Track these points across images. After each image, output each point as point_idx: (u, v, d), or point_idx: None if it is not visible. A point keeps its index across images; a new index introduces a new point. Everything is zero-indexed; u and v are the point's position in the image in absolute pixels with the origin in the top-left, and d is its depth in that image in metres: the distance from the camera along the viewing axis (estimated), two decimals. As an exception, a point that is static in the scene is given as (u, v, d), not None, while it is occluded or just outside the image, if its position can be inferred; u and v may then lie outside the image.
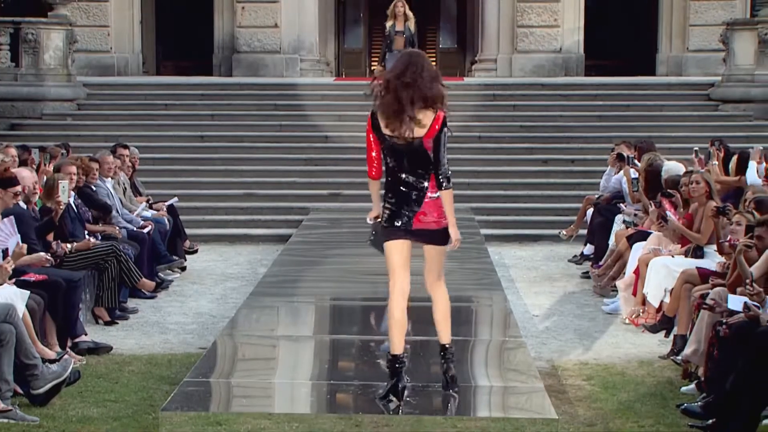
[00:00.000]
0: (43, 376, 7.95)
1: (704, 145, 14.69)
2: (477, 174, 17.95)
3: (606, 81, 21.89)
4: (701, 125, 19.41)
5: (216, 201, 17.41)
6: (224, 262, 14.78)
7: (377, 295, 11.75)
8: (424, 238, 7.26)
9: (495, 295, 10.96)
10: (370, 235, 7.57)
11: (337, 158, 18.49)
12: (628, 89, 21.28)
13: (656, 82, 22.36)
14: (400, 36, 18.89)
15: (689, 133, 18.71)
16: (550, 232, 16.02)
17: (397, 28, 18.93)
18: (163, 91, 21.25)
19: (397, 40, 18.87)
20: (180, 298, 12.39)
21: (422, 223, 7.19)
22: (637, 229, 12.51)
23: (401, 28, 18.90)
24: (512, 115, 19.90)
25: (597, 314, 11.55)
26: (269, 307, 10.62)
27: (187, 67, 24.87)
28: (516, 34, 23.65)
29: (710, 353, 8.28)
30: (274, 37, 23.58)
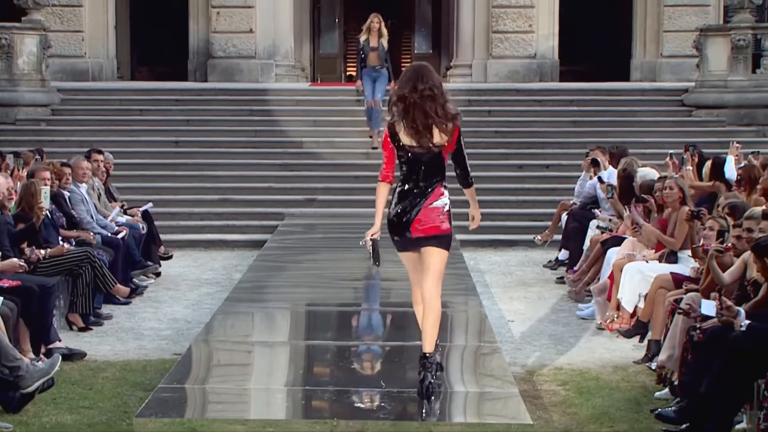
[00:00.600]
0: (31, 374, 7.89)
1: (678, 151, 14.78)
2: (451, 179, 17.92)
3: (580, 86, 21.96)
4: (675, 131, 19.50)
5: (191, 206, 17.37)
6: (199, 267, 14.75)
7: (352, 301, 11.77)
8: (426, 243, 7.46)
9: (470, 301, 10.97)
10: (370, 254, 7.88)
11: (313, 164, 18.47)
12: (603, 95, 21.36)
13: (630, 87, 22.45)
14: (374, 52, 18.87)
15: (663, 138, 18.79)
16: (525, 237, 16.05)
17: (372, 43, 18.92)
18: (138, 97, 21.20)
19: (371, 56, 18.88)
20: (155, 303, 12.35)
21: (419, 231, 7.43)
22: (611, 234, 12.55)
23: (375, 44, 18.89)
24: (487, 120, 19.93)
25: (571, 319, 11.58)
26: (244, 312, 10.59)
27: (162, 73, 24.81)
28: (491, 39, 23.70)
29: (684, 358, 8.31)
30: (249, 43, 23.55)
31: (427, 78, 7.35)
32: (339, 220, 16.96)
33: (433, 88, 7.31)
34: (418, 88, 7.30)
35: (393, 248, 7.64)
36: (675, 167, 13.93)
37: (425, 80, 7.33)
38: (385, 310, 11.04)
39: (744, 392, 7.51)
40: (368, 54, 18.88)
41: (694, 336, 8.19)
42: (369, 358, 9.02)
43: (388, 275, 12.95)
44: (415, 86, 7.31)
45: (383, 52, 18.86)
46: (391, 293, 11.91)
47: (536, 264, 14.89)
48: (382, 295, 11.97)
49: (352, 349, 9.09)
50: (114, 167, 14.81)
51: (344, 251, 14.59)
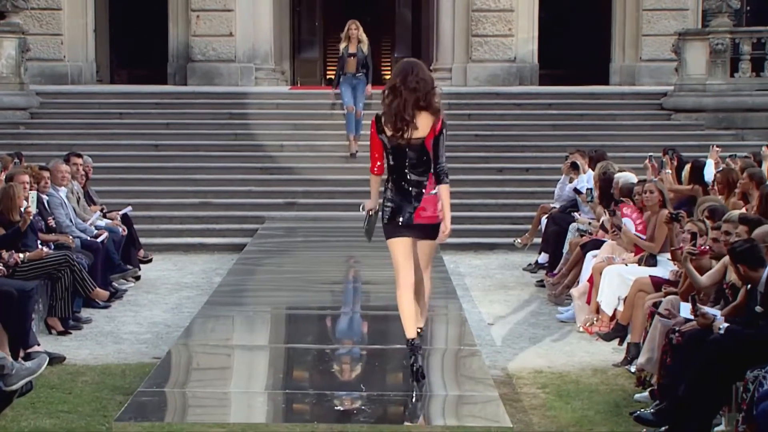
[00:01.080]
0: (17, 373, 7.83)
1: (657, 154, 14.83)
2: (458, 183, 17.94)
3: (560, 90, 22.00)
4: (654, 134, 19.56)
5: (171, 210, 17.32)
6: (179, 271, 14.71)
7: (332, 304, 11.76)
8: (423, 232, 7.85)
9: (450, 304, 10.98)
10: (364, 224, 8.06)
11: (293, 167, 18.45)
12: (582, 98, 21.41)
13: (610, 91, 22.51)
14: (353, 58, 18.75)
15: (642, 142, 18.84)
16: (505, 240, 16.07)
17: (350, 50, 18.79)
18: (118, 100, 21.14)
19: (349, 62, 18.75)
20: (134, 307, 12.32)
21: (422, 218, 7.79)
22: (591, 237, 12.58)
23: (354, 51, 18.77)
24: (467, 124, 19.95)
25: (551, 322, 11.60)
26: (224, 316, 10.57)
27: (142, 76, 24.73)
28: (471, 43, 23.73)
29: (663, 361, 8.34)
30: (229, 46, 23.51)
31: (417, 71, 7.70)
32: (319, 223, 16.95)
33: (420, 81, 7.65)
34: (407, 80, 7.66)
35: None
36: (654, 170, 13.98)
37: (415, 73, 7.69)
38: (366, 314, 11.03)
39: (723, 395, 7.54)
40: (347, 61, 18.79)
41: (673, 339, 8.22)
42: (349, 361, 9.01)
43: (367, 279, 12.95)
44: (405, 78, 7.68)
45: (362, 58, 18.76)
46: (372, 296, 11.91)
47: (516, 267, 14.91)
48: (363, 298, 11.97)
49: (332, 353, 9.08)
50: (93, 171, 14.76)
51: (324, 254, 14.59)
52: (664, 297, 9.22)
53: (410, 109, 7.63)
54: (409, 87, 7.65)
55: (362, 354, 9.22)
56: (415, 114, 7.65)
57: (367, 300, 11.84)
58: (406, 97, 7.64)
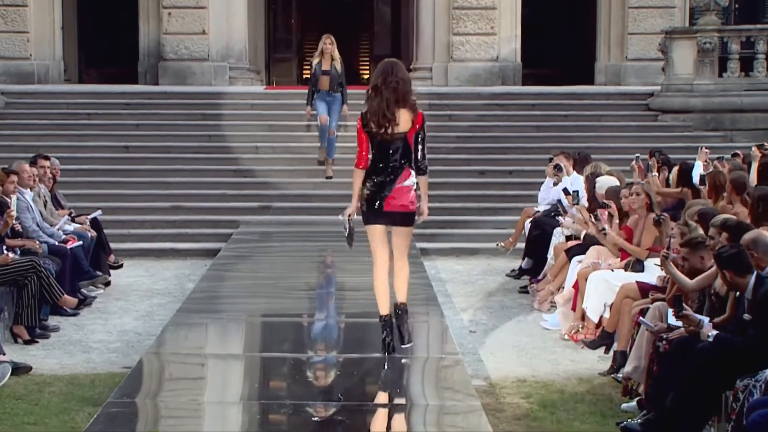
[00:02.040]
0: None
1: (644, 156, 14.86)
2: (412, 186, 17.96)
3: (544, 90, 22.05)
4: (640, 135, 19.62)
5: (142, 214, 17.28)
6: (150, 277, 14.68)
7: (309, 311, 11.75)
8: (393, 219, 8.70)
9: (431, 311, 10.98)
10: (344, 230, 8.81)
11: (268, 170, 18.43)
12: (567, 99, 21.47)
13: (595, 91, 22.56)
14: (326, 76, 18.24)
15: (628, 143, 18.89)
16: (488, 245, 16.08)
17: (324, 67, 18.28)
18: (86, 100, 21.07)
19: (323, 80, 18.26)
20: (104, 315, 12.28)
21: (391, 206, 8.64)
22: (576, 242, 12.60)
23: (327, 68, 18.26)
24: (448, 125, 19.96)
25: (535, 330, 11.61)
26: (197, 324, 10.55)
27: (111, 75, 24.65)
28: (452, 42, 23.74)
29: (650, 369, 8.36)
30: (202, 45, 23.47)
31: (396, 71, 8.68)
32: (296, 228, 16.93)
33: (400, 81, 8.62)
34: (387, 80, 8.62)
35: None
36: (641, 171, 14.02)
37: (395, 73, 8.66)
38: (343, 321, 11.02)
39: (711, 404, 7.56)
40: (320, 78, 18.28)
41: (660, 347, 8.24)
42: (327, 370, 9.01)
43: (345, 285, 12.94)
44: (386, 79, 8.64)
45: (336, 76, 18.28)
46: (350, 303, 11.90)
47: (499, 273, 14.92)
48: (340, 305, 11.95)
49: (309, 362, 9.07)
50: (61, 173, 14.71)
51: (301, 260, 14.57)
52: (651, 303, 9.24)
53: (392, 107, 8.55)
54: (389, 86, 8.58)
55: (340, 363, 9.21)
56: (395, 111, 8.56)
57: (345, 307, 11.82)
58: (387, 96, 8.55)
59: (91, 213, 14.32)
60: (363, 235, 8.72)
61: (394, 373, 8.54)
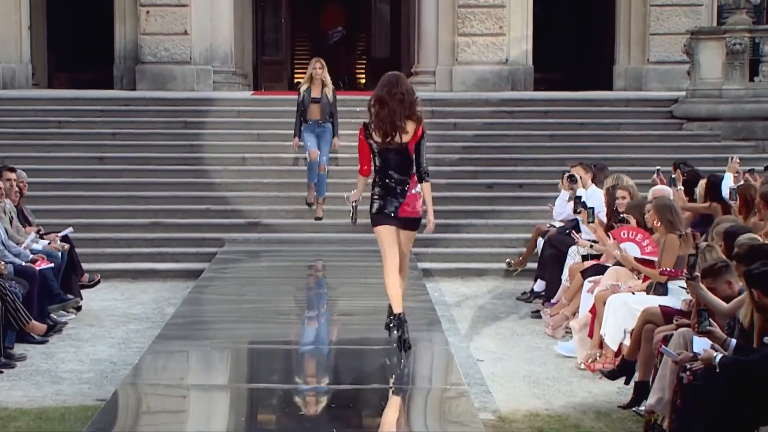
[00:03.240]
0: None
1: (667, 169, 14.87)
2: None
3: (557, 96, 22.08)
4: (663, 146, 19.63)
5: (117, 231, 17.28)
6: (126, 301, 14.67)
7: (300, 338, 11.73)
8: (405, 224, 10.02)
9: (434, 337, 10.97)
10: (351, 213, 10.34)
11: (256, 183, 18.44)
12: (582, 105, 21.49)
13: (613, 97, 22.60)
14: (316, 104, 17.65)
15: (650, 154, 18.91)
16: (496, 265, 16.08)
17: (313, 94, 17.68)
18: (56, 107, 21.08)
19: (312, 109, 17.64)
20: (75, 342, 12.27)
21: (405, 212, 9.97)
22: (593, 262, 12.59)
23: (317, 95, 17.66)
24: (452, 134, 19.99)
25: (549, 358, 11.61)
26: (178, 352, 10.54)
27: (84, 80, 24.71)
28: (457, 43, 23.80)
29: (675, 402, 8.34)
30: (184, 46, 23.52)
31: (401, 84, 9.84)
32: (286, 246, 16.93)
33: (404, 93, 9.78)
34: (392, 92, 9.76)
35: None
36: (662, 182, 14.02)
37: (399, 86, 9.82)
38: (337, 349, 11.01)
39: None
40: (308, 106, 17.63)
41: (683, 378, 8.22)
42: (319, 402, 9.00)
43: (341, 309, 12.93)
44: (391, 90, 9.78)
45: (327, 104, 17.68)
46: (345, 329, 11.89)
47: (509, 296, 14.91)
48: (334, 331, 11.94)
49: (300, 393, 9.06)
50: (29, 187, 14.71)
51: (292, 282, 14.56)
52: (676, 329, 9.23)
53: (402, 118, 9.73)
54: (395, 98, 9.74)
55: (334, 394, 9.20)
56: (403, 122, 9.74)
57: (339, 333, 11.82)
58: (394, 108, 9.72)
59: (62, 230, 14.31)
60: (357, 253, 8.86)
61: (394, 405, 8.54)
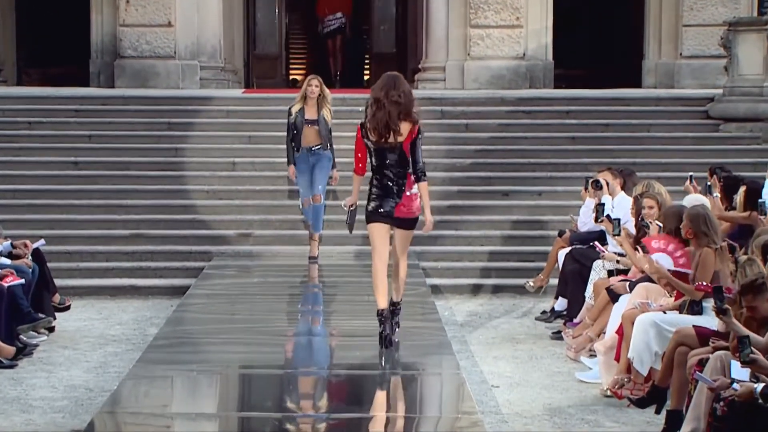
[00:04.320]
0: None
1: (702, 175, 14.85)
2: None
3: (580, 94, 22.05)
4: (698, 149, 19.61)
5: (94, 243, 17.29)
6: (104, 320, 14.68)
7: (296, 362, 11.74)
8: (400, 223, 11.24)
9: (444, 361, 10.98)
10: (346, 219, 11.56)
11: (248, 190, 18.43)
12: (608, 104, 21.45)
13: (642, 95, 22.56)
14: (311, 128, 16.55)
15: (683, 158, 18.89)
16: (513, 281, 16.08)
17: (307, 116, 16.56)
18: (26, 106, 21.06)
19: (306, 132, 16.54)
20: (47, 366, 12.27)
21: (401, 212, 11.16)
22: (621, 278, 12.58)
23: (313, 116, 16.56)
24: (464, 137, 19.98)
25: (571, 384, 11.61)
26: (161, 377, 10.55)
27: (57, 76, 24.70)
28: (469, 35, 23.76)
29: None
30: (168, 39, 23.51)
31: (399, 86, 11.08)
32: (280, 260, 16.93)
33: (402, 95, 11.00)
34: (390, 94, 10.98)
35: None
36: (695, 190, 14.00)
37: (397, 87, 11.05)
38: (337, 374, 11.02)
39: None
40: (302, 130, 16.55)
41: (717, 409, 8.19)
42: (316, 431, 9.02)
43: (339, 330, 12.95)
44: (388, 93, 10.99)
45: (325, 128, 16.61)
46: (344, 352, 11.89)
47: (527, 315, 14.92)
48: (333, 354, 11.94)
49: (295, 422, 9.07)
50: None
51: (286, 300, 14.57)
52: (712, 353, 9.22)
53: (395, 120, 10.93)
54: (392, 100, 10.96)
55: (333, 424, 9.20)
56: (398, 124, 10.96)
57: (340, 356, 11.82)
58: (390, 110, 10.94)
59: (33, 243, 14.31)
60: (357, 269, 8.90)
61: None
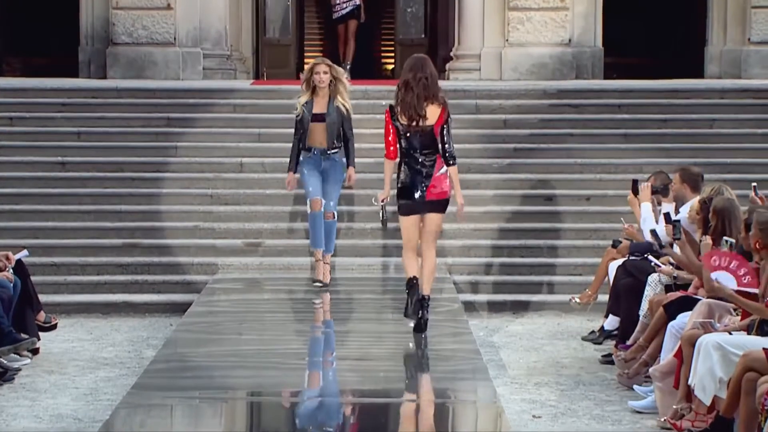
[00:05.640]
0: None
1: None
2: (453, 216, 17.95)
3: (634, 85, 22.00)
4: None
5: (83, 254, 17.31)
6: (95, 341, 14.70)
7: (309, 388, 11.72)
8: (432, 207, 12.79)
9: (480, 388, 10.97)
10: (380, 216, 13.21)
11: (256, 194, 18.42)
12: (665, 97, 21.39)
13: (704, 87, 22.49)
14: (320, 124, 15.53)
15: (751, 158, 18.87)
16: (557, 297, 16.07)
17: (316, 109, 15.53)
18: (8, 99, 21.10)
19: (314, 130, 15.53)
20: (31, 393, 12.28)
21: (432, 194, 12.75)
22: (680, 294, 12.53)
23: (322, 110, 15.53)
24: (502, 134, 19.95)
25: (624, 415, 11.59)
26: (159, 405, 10.56)
27: (42, 66, 24.77)
28: (507, 19, 23.73)
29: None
30: (166, 24, 23.54)
31: (425, 67, 12.72)
32: (293, 273, 16.91)
33: (429, 76, 12.65)
34: (417, 76, 12.61)
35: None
36: (762, 202, 13.93)
37: (424, 70, 12.68)
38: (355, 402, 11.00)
39: None
40: (308, 128, 15.56)
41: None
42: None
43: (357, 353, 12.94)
44: (416, 74, 12.62)
45: (337, 122, 15.59)
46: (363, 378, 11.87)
47: (573, 336, 14.91)
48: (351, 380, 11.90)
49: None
50: (-27, 199, 14.76)
51: (298, 319, 14.55)
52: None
53: (422, 102, 12.56)
54: (419, 82, 12.55)
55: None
56: (425, 106, 12.60)
57: (359, 382, 11.79)
58: (418, 92, 12.53)
59: (15, 254, 14.33)
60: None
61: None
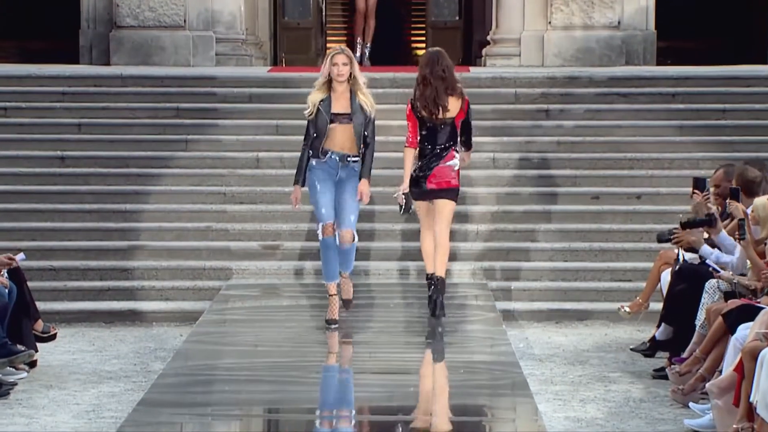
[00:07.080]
0: None
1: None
2: (490, 216, 18.00)
3: (690, 72, 21.97)
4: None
5: (84, 258, 17.36)
6: (98, 353, 14.74)
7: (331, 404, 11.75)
8: (435, 194, 14.49)
9: (519, 403, 10.99)
10: (400, 208, 14.81)
11: (274, 192, 18.44)
12: (725, 85, 21.36)
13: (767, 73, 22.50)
14: (343, 126, 14.46)
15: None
16: (604, 305, 16.08)
17: (335, 108, 14.46)
18: (1, 87, 21.15)
19: (336, 132, 14.47)
20: (28, 410, 12.33)
21: (432, 183, 14.47)
22: (741, 302, 12.54)
23: (344, 109, 14.46)
24: (544, 125, 19.95)
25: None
26: (168, 423, 10.59)
27: (40, 51, 24.83)
28: (550, 0, 23.75)
29: None
30: (176, 5, 23.56)
31: (441, 61, 14.46)
32: (312, 278, 16.92)
33: (446, 69, 14.43)
34: (434, 70, 14.36)
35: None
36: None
37: (440, 63, 14.43)
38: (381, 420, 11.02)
39: None
40: (325, 129, 14.51)
41: None
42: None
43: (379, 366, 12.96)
44: (433, 69, 14.36)
45: (361, 125, 14.50)
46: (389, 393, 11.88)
47: (621, 347, 14.91)
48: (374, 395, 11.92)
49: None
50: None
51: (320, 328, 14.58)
52: None
53: (442, 96, 14.28)
54: (437, 76, 14.33)
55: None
56: (446, 99, 14.31)
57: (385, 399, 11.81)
58: (437, 86, 14.27)
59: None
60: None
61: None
